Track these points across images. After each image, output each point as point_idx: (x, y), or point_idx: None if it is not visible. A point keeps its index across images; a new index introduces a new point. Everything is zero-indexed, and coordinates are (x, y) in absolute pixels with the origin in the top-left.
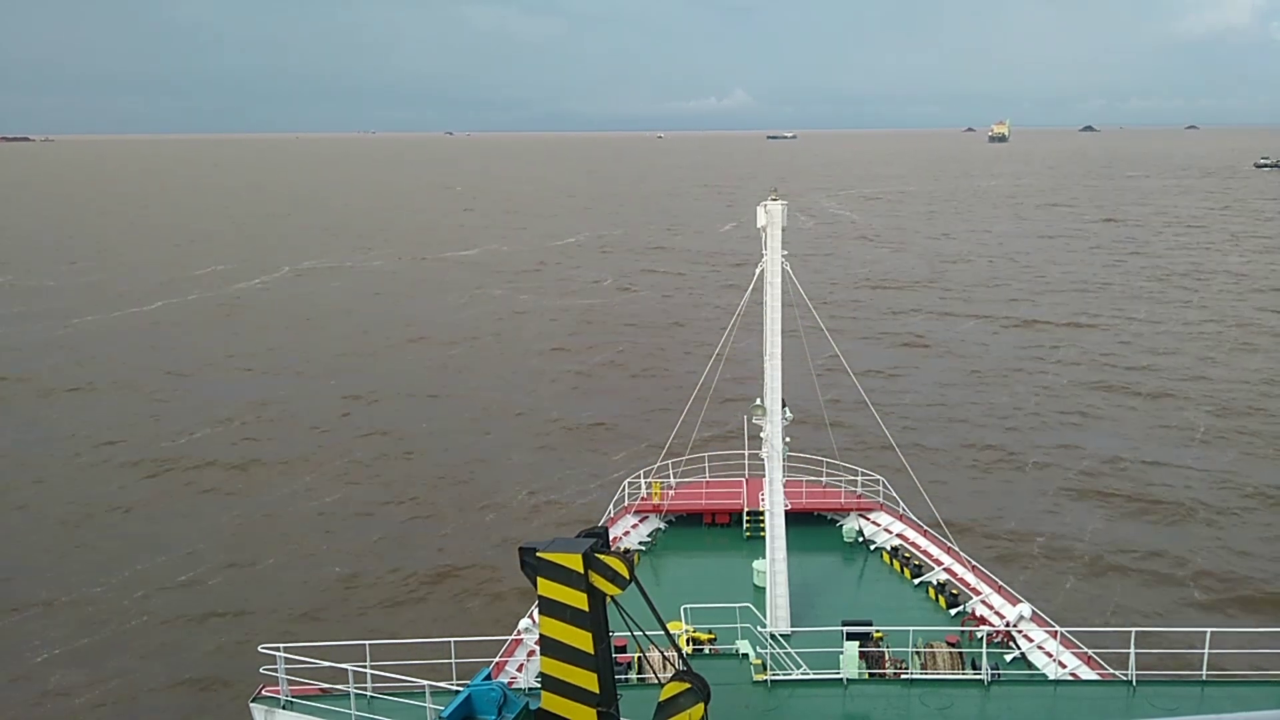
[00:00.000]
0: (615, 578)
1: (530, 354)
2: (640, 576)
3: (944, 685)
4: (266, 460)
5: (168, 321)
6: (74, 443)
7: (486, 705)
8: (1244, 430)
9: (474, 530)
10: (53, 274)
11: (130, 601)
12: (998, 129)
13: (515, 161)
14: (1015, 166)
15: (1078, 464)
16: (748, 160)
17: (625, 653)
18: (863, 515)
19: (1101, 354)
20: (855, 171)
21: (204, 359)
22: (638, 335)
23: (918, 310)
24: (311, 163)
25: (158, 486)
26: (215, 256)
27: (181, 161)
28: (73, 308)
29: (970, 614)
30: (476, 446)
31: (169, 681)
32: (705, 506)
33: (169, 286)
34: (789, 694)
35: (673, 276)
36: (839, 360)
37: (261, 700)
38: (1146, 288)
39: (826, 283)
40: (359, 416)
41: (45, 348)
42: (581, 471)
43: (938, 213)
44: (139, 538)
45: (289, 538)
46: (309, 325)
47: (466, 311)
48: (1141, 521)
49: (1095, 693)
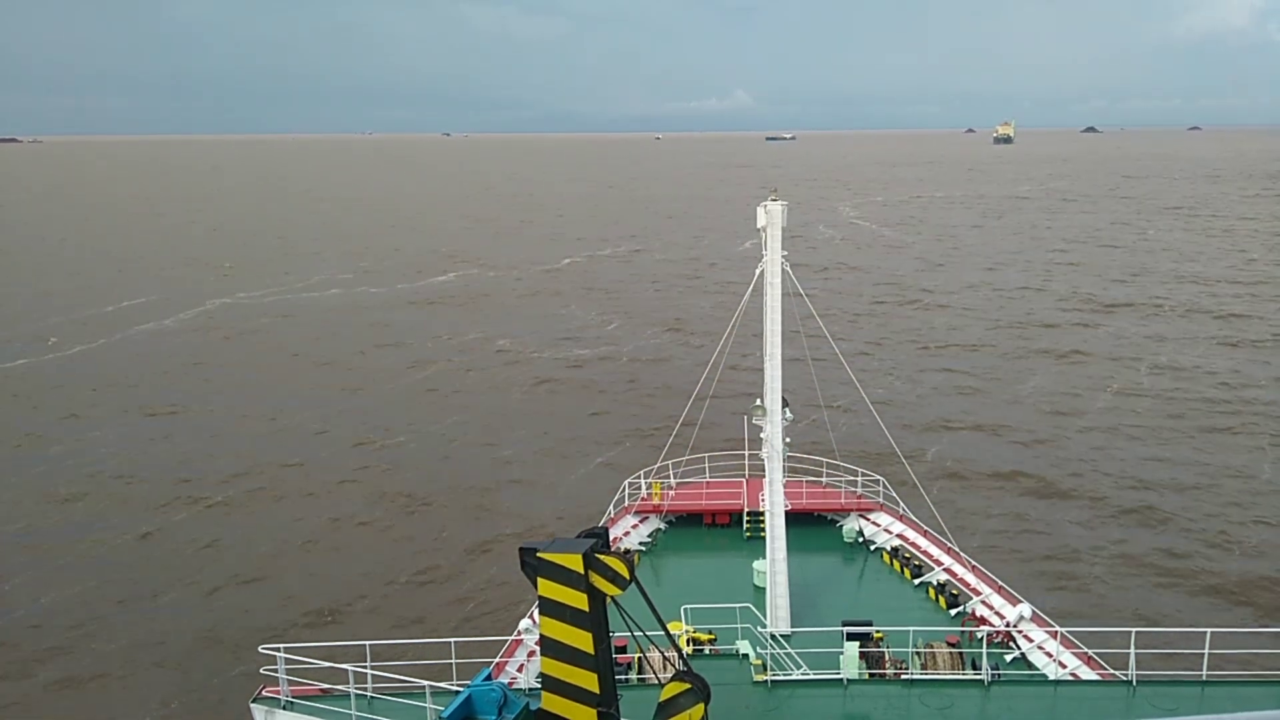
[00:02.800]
0: (615, 578)
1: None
2: (640, 577)
3: (944, 685)
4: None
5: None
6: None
7: (487, 705)
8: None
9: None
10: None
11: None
12: (1003, 130)
13: (516, 165)
14: (1036, 169)
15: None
16: (749, 162)
17: (625, 653)
18: (863, 515)
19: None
20: (866, 174)
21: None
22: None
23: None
24: (295, 165)
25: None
26: (142, 284)
27: (159, 164)
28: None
29: (970, 614)
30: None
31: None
32: (705, 507)
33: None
34: (789, 694)
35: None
36: (837, 356)
37: (262, 700)
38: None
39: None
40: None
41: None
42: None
43: (988, 227)
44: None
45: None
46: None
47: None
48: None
49: (1095, 693)
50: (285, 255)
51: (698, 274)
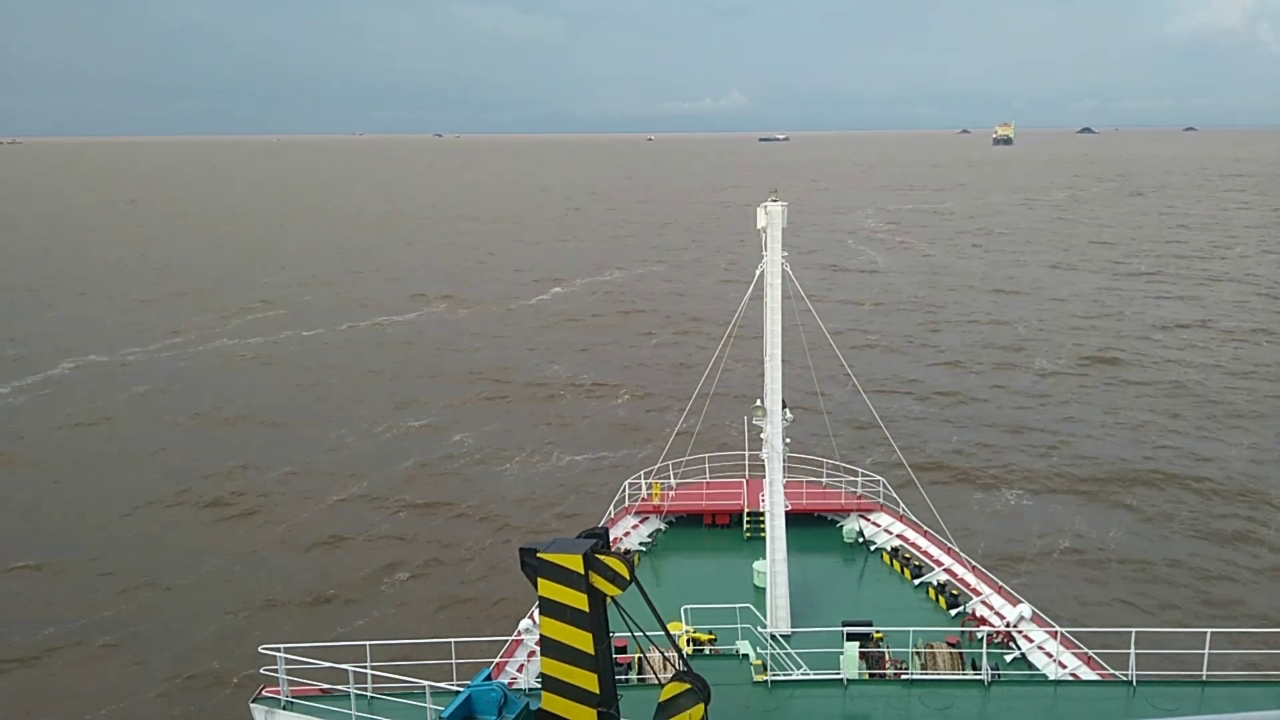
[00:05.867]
0: (615, 578)
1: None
2: (640, 577)
3: (944, 686)
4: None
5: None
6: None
7: (487, 705)
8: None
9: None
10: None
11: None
12: (1002, 131)
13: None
14: (1053, 174)
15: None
16: (750, 166)
17: (625, 653)
18: (863, 516)
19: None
20: (879, 178)
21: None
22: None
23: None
24: (275, 169)
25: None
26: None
27: (131, 167)
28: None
29: (970, 614)
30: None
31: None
32: (705, 507)
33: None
34: (789, 694)
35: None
36: (839, 359)
37: (262, 701)
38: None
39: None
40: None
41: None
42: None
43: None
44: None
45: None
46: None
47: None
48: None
49: (1095, 693)
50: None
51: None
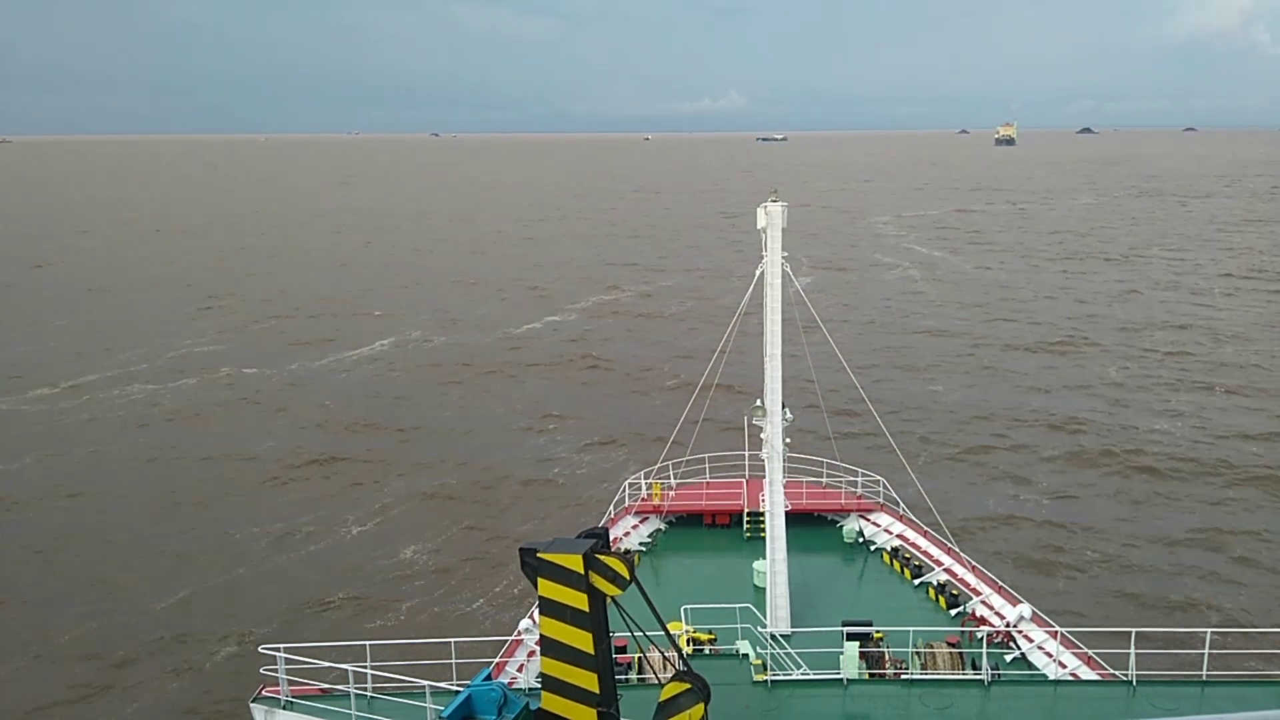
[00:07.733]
0: (615, 578)
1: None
2: (640, 577)
3: (944, 685)
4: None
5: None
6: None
7: (487, 705)
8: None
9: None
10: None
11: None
12: (1005, 131)
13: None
14: (1071, 177)
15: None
16: (749, 168)
17: (625, 653)
18: (863, 516)
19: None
20: (904, 183)
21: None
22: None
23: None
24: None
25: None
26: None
27: (110, 167)
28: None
29: (970, 614)
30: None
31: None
32: (705, 507)
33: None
34: (789, 694)
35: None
36: (837, 358)
37: (262, 700)
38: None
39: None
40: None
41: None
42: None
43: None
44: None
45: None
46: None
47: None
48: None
49: (1095, 693)
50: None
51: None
